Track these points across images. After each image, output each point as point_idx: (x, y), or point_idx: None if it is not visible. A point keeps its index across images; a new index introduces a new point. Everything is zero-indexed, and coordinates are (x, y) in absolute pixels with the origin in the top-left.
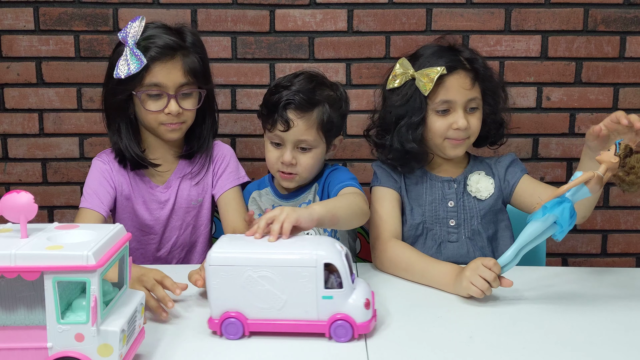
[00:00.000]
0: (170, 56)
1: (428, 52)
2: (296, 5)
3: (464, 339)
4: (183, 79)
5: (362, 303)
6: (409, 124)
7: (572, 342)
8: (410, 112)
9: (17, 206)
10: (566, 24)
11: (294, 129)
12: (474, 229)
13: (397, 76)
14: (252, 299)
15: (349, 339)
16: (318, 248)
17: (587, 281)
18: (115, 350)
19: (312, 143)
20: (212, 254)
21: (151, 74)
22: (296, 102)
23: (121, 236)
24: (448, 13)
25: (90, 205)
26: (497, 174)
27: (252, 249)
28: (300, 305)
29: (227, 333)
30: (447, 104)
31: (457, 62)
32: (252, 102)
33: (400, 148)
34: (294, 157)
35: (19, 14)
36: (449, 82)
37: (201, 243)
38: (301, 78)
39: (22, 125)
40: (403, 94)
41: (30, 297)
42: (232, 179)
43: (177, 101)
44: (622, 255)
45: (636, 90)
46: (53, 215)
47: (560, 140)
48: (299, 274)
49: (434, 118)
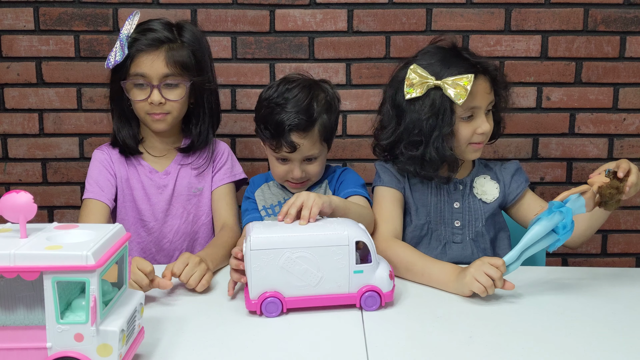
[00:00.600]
0: (155, 47)
1: (435, 57)
2: (296, 5)
3: (464, 339)
4: (166, 70)
5: (387, 274)
6: (443, 135)
7: (572, 342)
8: (441, 122)
9: (16, 206)
10: (566, 24)
11: (300, 148)
12: (478, 230)
13: (415, 85)
14: (290, 278)
15: (377, 307)
16: (347, 228)
17: (587, 281)
18: (114, 350)
19: (317, 154)
20: (253, 238)
21: (135, 64)
22: (300, 125)
23: (120, 236)
24: (448, 13)
25: (93, 195)
26: (503, 180)
27: (289, 233)
28: (334, 281)
29: (267, 312)
30: (472, 110)
31: (475, 68)
32: (252, 102)
33: (437, 158)
34: (302, 171)
35: (19, 14)
36: (474, 89)
37: (203, 233)
38: (295, 92)
39: (22, 125)
40: (430, 104)
41: (30, 297)
42: (227, 176)
43: (160, 91)
44: (622, 255)
45: (636, 90)
46: (53, 215)
47: (560, 140)
48: (334, 252)
49: (460, 125)
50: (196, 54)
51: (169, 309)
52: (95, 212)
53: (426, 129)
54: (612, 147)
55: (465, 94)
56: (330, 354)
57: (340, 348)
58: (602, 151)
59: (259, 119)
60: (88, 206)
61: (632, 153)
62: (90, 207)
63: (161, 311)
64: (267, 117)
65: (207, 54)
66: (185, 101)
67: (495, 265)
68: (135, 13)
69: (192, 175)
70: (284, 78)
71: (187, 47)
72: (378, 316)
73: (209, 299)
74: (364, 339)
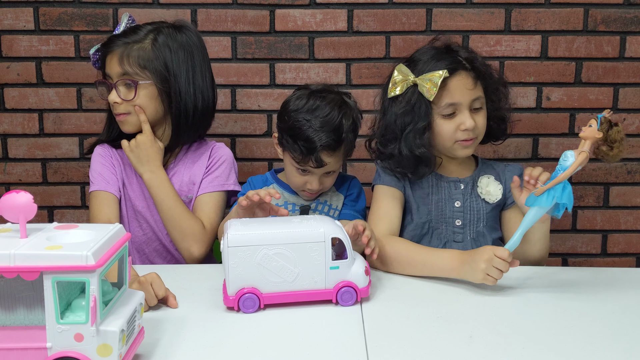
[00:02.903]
0: (116, 46)
1: (425, 56)
2: (296, 5)
3: (464, 339)
4: (119, 69)
5: (362, 270)
6: (415, 130)
7: (572, 342)
8: (416, 119)
9: (16, 206)
10: (566, 24)
11: (327, 165)
12: (479, 230)
13: (397, 83)
14: (267, 274)
15: (353, 302)
16: (323, 225)
17: (587, 281)
18: (114, 350)
19: (337, 169)
20: (230, 235)
21: (105, 64)
22: (330, 146)
23: (120, 236)
24: (448, 13)
25: (100, 187)
26: (505, 182)
27: (266, 230)
28: (311, 277)
29: (244, 307)
30: (453, 107)
31: (458, 63)
32: (252, 102)
33: (410, 154)
34: (320, 183)
35: (19, 14)
36: (452, 85)
37: None
38: (327, 111)
39: (22, 125)
40: (406, 100)
41: (30, 297)
42: (215, 184)
43: (117, 90)
44: (622, 255)
45: (636, 90)
46: (53, 215)
47: (560, 140)
48: (310, 249)
49: (441, 122)
50: (166, 59)
51: (169, 309)
52: (106, 202)
53: (400, 125)
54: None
55: (435, 89)
56: (330, 354)
57: (341, 348)
58: None
59: (284, 129)
60: (97, 197)
61: (632, 153)
62: (100, 198)
63: (161, 311)
64: (296, 131)
65: (186, 60)
66: (150, 104)
67: (502, 257)
68: (124, 15)
69: (184, 182)
70: (313, 91)
71: (156, 50)
72: (378, 316)
73: (208, 299)
74: (364, 339)
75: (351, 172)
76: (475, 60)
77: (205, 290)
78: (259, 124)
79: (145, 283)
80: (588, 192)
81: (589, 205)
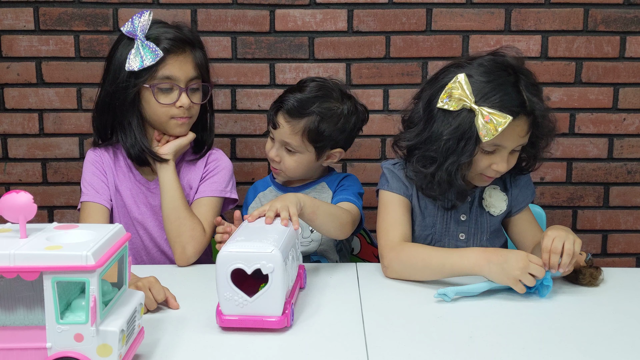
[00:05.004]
0: (182, 49)
1: (490, 77)
2: (296, 5)
3: (464, 339)
4: (194, 73)
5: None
6: (459, 164)
7: (572, 342)
8: (461, 149)
9: (16, 206)
10: (566, 24)
11: (280, 130)
12: (482, 244)
13: (452, 98)
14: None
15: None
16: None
17: None
18: (114, 350)
19: (296, 147)
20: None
21: (165, 66)
22: (287, 107)
23: (120, 236)
24: (448, 13)
25: (89, 197)
26: (511, 191)
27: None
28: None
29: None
30: (497, 147)
31: (522, 107)
32: (252, 102)
33: (447, 184)
34: (278, 155)
35: (19, 14)
36: (507, 128)
37: None
38: (313, 85)
39: (22, 125)
40: (458, 124)
41: (30, 297)
42: (212, 189)
43: (188, 95)
44: (622, 255)
45: (636, 90)
46: (53, 215)
47: (560, 140)
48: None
49: (479, 155)
50: (206, 57)
51: (169, 309)
52: (94, 214)
53: (444, 149)
54: (612, 147)
55: (494, 134)
56: (330, 354)
57: (341, 348)
58: (602, 151)
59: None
60: (86, 209)
61: (632, 153)
62: (89, 210)
63: (161, 311)
64: (282, 94)
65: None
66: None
67: (538, 263)
68: (149, 12)
69: (182, 186)
70: (327, 78)
71: (199, 48)
72: (378, 316)
73: (208, 299)
74: (364, 339)
75: (351, 172)
76: (536, 106)
77: (205, 290)
78: (259, 124)
79: (144, 288)
80: (588, 192)
81: (589, 205)
